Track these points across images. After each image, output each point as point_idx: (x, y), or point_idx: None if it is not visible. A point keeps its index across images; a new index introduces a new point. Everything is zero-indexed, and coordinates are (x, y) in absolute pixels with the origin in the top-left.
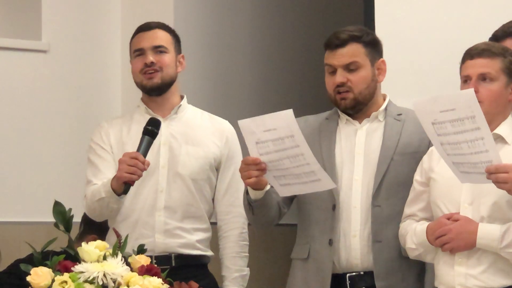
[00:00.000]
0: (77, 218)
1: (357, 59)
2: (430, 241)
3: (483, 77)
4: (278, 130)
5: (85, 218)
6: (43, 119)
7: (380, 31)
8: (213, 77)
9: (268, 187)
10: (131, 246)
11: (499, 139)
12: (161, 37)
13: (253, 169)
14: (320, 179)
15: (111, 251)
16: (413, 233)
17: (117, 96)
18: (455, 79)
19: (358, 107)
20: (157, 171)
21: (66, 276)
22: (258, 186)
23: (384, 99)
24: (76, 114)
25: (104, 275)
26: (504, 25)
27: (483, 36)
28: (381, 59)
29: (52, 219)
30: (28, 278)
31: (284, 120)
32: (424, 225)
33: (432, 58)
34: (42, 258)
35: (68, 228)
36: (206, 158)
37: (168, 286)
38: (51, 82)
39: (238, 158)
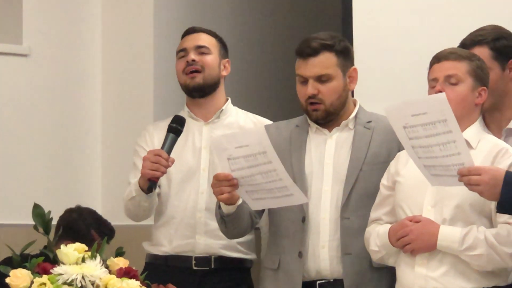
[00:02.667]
0: (56, 221)
1: (328, 71)
2: (392, 242)
3: (449, 79)
4: (250, 146)
5: (64, 223)
6: (23, 122)
7: (358, 37)
8: None
9: (240, 201)
10: (172, 248)
11: None
12: (204, 39)
13: (225, 185)
14: (292, 193)
15: (89, 253)
16: (376, 235)
17: (97, 100)
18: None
19: (329, 118)
20: (198, 174)
21: (45, 278)
22: (230, 201)
23: (355, 105)
24: (56, 118)
25: (83, 277)
26: (471, 33)
27: (457, 43)
28: (353, 67)
29: (31, 221)
30: (7, 280)
31: (256, 137)
32: (386, 227)
33: (410, 64)
34: (21, 260)
35: (47, 231)
36: None
37: None
38: (32, 86)
39: None
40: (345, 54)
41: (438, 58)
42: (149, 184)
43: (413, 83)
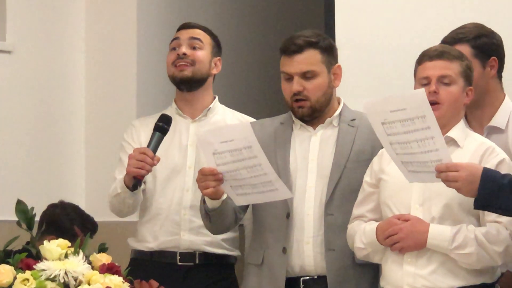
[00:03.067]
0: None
1: (313, 68)
2: (379, 240)
3: (443, 79)
4: (236, 141)
5: (47, 218)
6: (6, 119)
7: (340, 35)
8: None
9: (224, 196)
10: (157, 244)
11: (452, 142)
12: (199, 34)
13: (210, 180)
14: (277, 188)
15: (72, 249)
16: (362, 233)
17: (81, 96)
18: (412, 84)
19: (315, 115)
20: (184, 171)
21: (28, 274)
22: (215, 196)
23: (339, 103)
24: (39, 115)
25: (66, 273)
26: (453, 31)
27: (438, 41)
28: (337, 64)
29: (14, 217)
30: None
31: (242, 132)
32: (373, 225)
33: (391, 62)
34: (4, 256)
35: (30, 227)
36: None
37: (129, 284)
38: (15, 82)
39: None
40: (330, 51)
41: (430, 56)
42: (134, 182)
43: (395, 81)
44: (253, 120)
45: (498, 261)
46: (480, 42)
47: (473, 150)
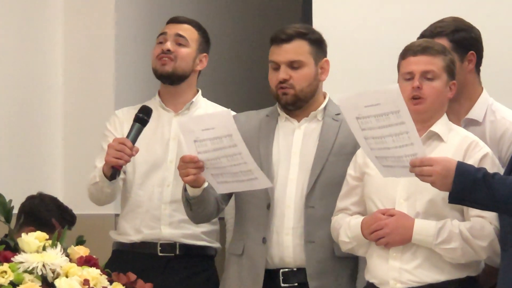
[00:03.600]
0: (16, 210)
1: (301, 58)
2: (364, 235)
3: (426, 74)
4: (216, 129)
5: (25, 209)
6: None
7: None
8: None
9: (205, 184)
10: (142, 237)
11: (435, 136)
12: (186, 30)
13: (191, 167)
14: (257, 177)
15: (50, 242)
16: (347, 226)
17: (59, 88)
18: (390, 78)
19: (299, 104)
20: (165, 165)
21: (5, 266)
22: (196, 184)
23: (325, 98)
24: (17, 111)
25: (44, 265)
26: (431, 25)
27: (416, 34)
28: (325, 58)
29: None
30: None
31: (222, 120)
32: (358, 219)
33: (368, 57)
34: None
35: (8, 219)
36: None
37: (106, 277)
38: None
39: None
40: (318, 45)
41: (414, 51)
42: (112, 172)
43: (372, 75)
44: (234, 113)
45: (482, 256)
46: (458, 36)
47: (456, 144)
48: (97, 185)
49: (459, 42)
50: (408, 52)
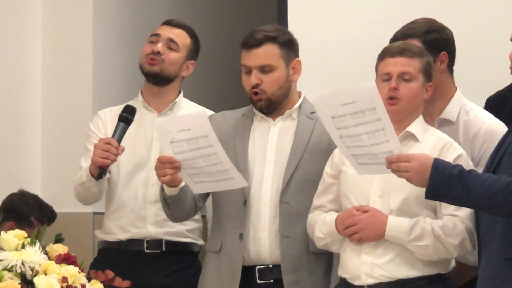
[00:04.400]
0: None
1: (271, 61)
2: (339, 230)
3: (403, 76)
4: (192, 130)
5: (6, 205)
6: None
7: (293, 29)
8: (131, 73)
9: (182, 184)
10: (129, 235)
11: (411, 136)
12: (179, 35)
13: (168, 167)
14: (232, 177)
15: (29, 240)
16: (322, 223)
17: (37, 87)
18: (366, 77)
19: (273, 106)
20: (149, 166)
21: None
22: (172, 184)
23: (300, 96)
24: None
25: (23, 263)
26: (404, 26)
27: (390, 35)
28: (297, 59)
29: None
30: None
31: (198, 121)
32: (333, 215)
33: (344, 57)
34: None
35: None
36: None
37: (85, 274)
38: None
39: None
40: (289, 46)
41: (392, 53)
42: (99, 171)
43: (347, 75)
44: (211, 112)
45: (453, 254)
46: (430, 37)
47: (432, 144)
48: (84, 185)
49: (431, 43)
50: (386, 53)
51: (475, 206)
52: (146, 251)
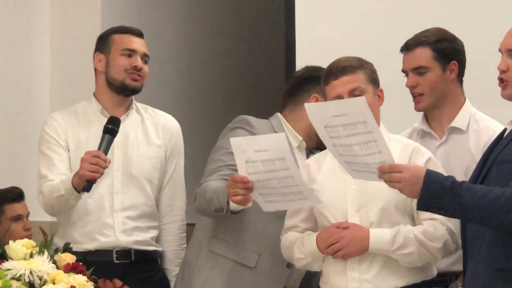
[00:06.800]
0: None
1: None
2: (321, 250)
3: (354, 92)
4: (270, 151)
5: None
6: None
7: (300, 28)
8: None
9: (250, 204)
10: (98, 245)
11: None
12: (146, 47)
13: (240, 187)
14: (307, 197)
15: (37, 249)
16: (301, 244)
17: (46, 94)
18: None
19: None
20: (112, 174)
21: None
22: (243, 204)
23: None
24: (4, 112)
25: (31, 272)
26: (416, 35)
27: (401, 43)
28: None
29: None
30: None
31: (276, 142)
32: (311, 235)
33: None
34: None
35: None
36: (157, 157)
37: (93, 283)
38: None
39: (182, 153)
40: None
41: (335, 75)
42: (87, 185)
43: None
44: (166, 114)
45: (438, 257)
46: (441, 46)
47: (399, 151)
48: (62, 197)
49: (441, 52)
50: (329, 77)
51: (467, 217)
52: (116, 261)
